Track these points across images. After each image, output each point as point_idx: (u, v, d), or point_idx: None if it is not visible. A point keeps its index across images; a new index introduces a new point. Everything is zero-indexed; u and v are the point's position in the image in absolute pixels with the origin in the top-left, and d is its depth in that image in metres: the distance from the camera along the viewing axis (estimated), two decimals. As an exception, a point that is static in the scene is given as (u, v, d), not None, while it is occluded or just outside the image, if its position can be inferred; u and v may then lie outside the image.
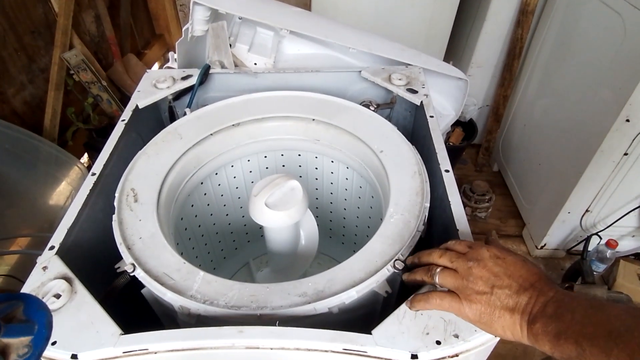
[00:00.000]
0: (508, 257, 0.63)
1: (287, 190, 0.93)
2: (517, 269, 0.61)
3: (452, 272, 0.64)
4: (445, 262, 0.66)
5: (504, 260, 0.62)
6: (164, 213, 0.91)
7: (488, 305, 0.60)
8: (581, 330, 0.51)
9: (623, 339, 0.48)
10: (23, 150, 1.75)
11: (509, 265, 0.61)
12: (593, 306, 0.53)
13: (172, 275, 0.74)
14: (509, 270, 0.61)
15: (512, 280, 0.60)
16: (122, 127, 1.03)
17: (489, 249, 0.64)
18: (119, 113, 2.38)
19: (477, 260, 0.63)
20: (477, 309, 0.60)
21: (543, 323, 0.55)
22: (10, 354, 0.50)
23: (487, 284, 0.61)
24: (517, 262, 0.62)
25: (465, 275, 0.62)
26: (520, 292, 0.59)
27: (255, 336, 0.63)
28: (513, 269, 0.61)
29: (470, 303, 0.61)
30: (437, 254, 0.68)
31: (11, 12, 1.87)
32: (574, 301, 0.55)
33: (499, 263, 0.62)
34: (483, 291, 0.60)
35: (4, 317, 0.51)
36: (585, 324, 0.51)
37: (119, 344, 0.62)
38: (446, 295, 0.64)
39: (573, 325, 0.52)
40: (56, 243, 0.77)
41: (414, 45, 1.35)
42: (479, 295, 0.60)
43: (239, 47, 1.35)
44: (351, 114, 1.09)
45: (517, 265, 0.61)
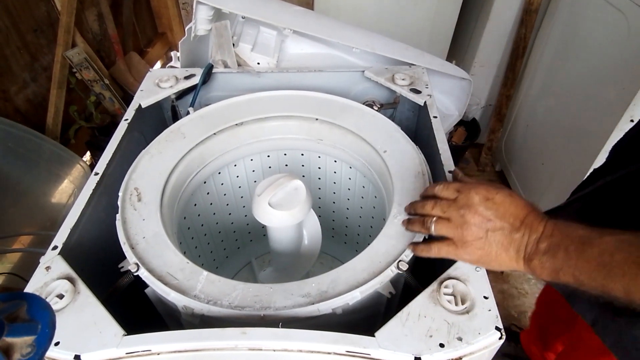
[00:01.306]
0: (497, 196, 0.63)
1: (290, 189, 0.92)
2: (507, 207, 0.62)
3: (446, 221, 0.67)
4: (438, 213, 0.68)
5: (493, 201, 0.63)
6: (167, 212, 0.90)
7: (484, 248, 0.63)
8: (576, 265, 0.54)
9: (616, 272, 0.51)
10: (25, 149, 1.75)
11: (499, 206, 0.62)
12: (584, 242, 0.55)
13: (175, 274, 0.74)
14: (500, 211, 0.62)
15: (504, 221, 0.62)
16: (125, 127, 1.02)
17: (477, 191, 0.64)
18: (122, 111, 2.38)
19: (468, 207, 0.64)
20: (474, 253, 0.64)
21: (539, 261, 0.58)
22: (14, 354, 0.50)
23: (481, 229, 0.63)
24: (506, 200, 0.63)
25: (459, 223, 0.64)
26: (512, 232, 0.61)
27: (259, 338, 0.63)
28: (503, 209, 0.62)
29: (467, 248, 0.64)
30: (430, 205, 0.70)
31: (14, 10, 1.87)
32: (565, 237, 0.57)
33: (489, 206, 0.63)
34: (478, 236, 0.63)
35: (8, 317, 0.51)
36: (579, 260, 0.54)
37: (122, 344, 0.62)
38: (443, 244, 0.67)
39: (567, 262, 0.55)
40: (59, 243, 0.76)
41: (417, 45, 1.34)
42: (475, 240, 0.63)
43: (242, 47, 1.35)
44: (354, 113, 1.09)
45: (506, 204, 0.62)
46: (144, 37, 2.94)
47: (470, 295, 0.67)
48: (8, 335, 0.49)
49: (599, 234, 0.55)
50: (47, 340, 0.52)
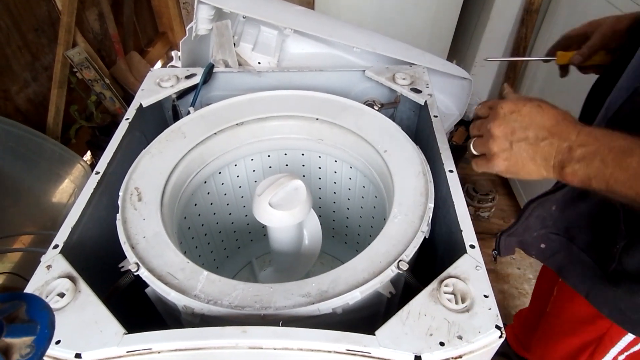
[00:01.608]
0: (523, 108, 0.64)
1: (290, 189, 0.92)
2: (533, 118, 0.63)
3: (480, 138, 0.69)
4: (475, 132, 0.71)
5: (519, 113, 0.64)
6: (168, 212, 0.91)
7: (510, 159, 0.64)
8: (612, 174, 0.55)
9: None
10: (26, 148, 1.75)
11: (524, 117, 0.63)
12: (624, 151, 0.55)
13: (176, 274, 0.74)
14: (525, 122, 0.63)
15: (528, 131, 0.62)
16: (126, 126, 1.03)
17: (503, 105, 0.65)
18: (122, 111, 2.38)
19: (494, 121, 0.65)
20: (501, 164, 0.65)
21: (572, 169, 0.59)
22: (13, 354, 0.49)
23: (506, 141, 0.64)
24: (532, 111, 0.63)
25: (487, 138, 0.66)
26: (538, 142, 0.62)
27: (259, 336, 0.63)
28: (529, 119, 0.63)
29: (495, 161, 0.66)
30: (472, 125, 0.72)
31: (15, 10, 1.87)
32: (602, 146, 0.57)
33: (514, 117, 0.64)
34: (503, 148, 0.64)
35: (7, 317, 0.51)
36: (616, 170, 0.55)
37: (122, 343, 0.63)
38: (479, 159, 0.70)
39: (603, 170, 0.56)
40: (60, 242, 0.77)
41: (418, 45, 1.34)
42: (500, 152, 0.65)
43: (243, 46, 1.35)
44: (355, 113, 1.09)
45: (532, 115, 0.63)
46: (144, 36, 2.94)
47: (471, 293, 0.67)
48: (7, 335, 0.49)
49: (635, 142, 0.55)
50: (46, 341, 0.52)
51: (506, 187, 2.46)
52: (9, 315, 0.51)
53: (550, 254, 0.88)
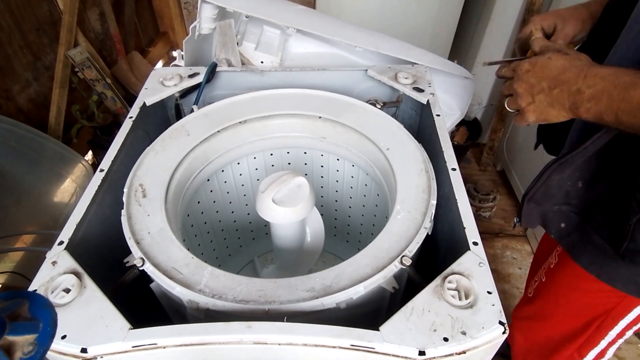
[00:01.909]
0: (538, 62, 0.73)
1: (293, 187, 0.93)
2: (546, 71, 0.72)
3: (510, 98, 0.79)
4: (505, 92, 0.81)
5: (534, 69, 0.73)
6: (172, 209, 0.91)
7: (536, 110, 0.74)
8: (619, 107, 0.63)
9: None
10: (28, 148, 1.75)
11: (538, 71, 0.73)
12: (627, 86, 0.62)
13: (180, 269, 0.74)
14: (539, 75, 0.73)
15: (542, 83, 0.72)
16: (130, 124, 1.03)
17: (521, 66, 0.75)
18: (123, 111, 2.38)
19: (517, 80, 0.76)
20: (531, 116, 0.75)
21: (585, 108, 0.67)
22: (16, 352, 0.50)
23: (529, 95, 0.74)
24: (544, 64, 0.72)
25: (515, 97, 0.77)
26: (551, 91, 0.71)
27: (264, 332, 0.63)
28: (542, 73, 0.72)
29: (525, 115, 0.76)
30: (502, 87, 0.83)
31: (16, 10, 1.88)
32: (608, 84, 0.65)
33: (531, 74, 0.74)
34: (528, 102, 0.75)
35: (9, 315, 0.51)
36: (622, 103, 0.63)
37: (128, 338, 0.63)
38: (516, 116, 0.80)
39: (611, 105, 0.64)
40: (65, 238, 0.77)
41: (419, 44, 1.35)
42: (528, 106, 0.75)
43: (245, 45, 1.35)
44: (357, 112, 1.09)
45: (545, 68, 0.72)
46: (145, 36, 2.95)
47: (474, 290, 0.67)
48: (9, 333, 0.49)
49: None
50: (48, 339, 0.52)
51: (507, 187, 2.47)
52: (11, 313, 0.52)
53: (566, 233, 0.92)
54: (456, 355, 0.62)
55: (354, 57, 1.35)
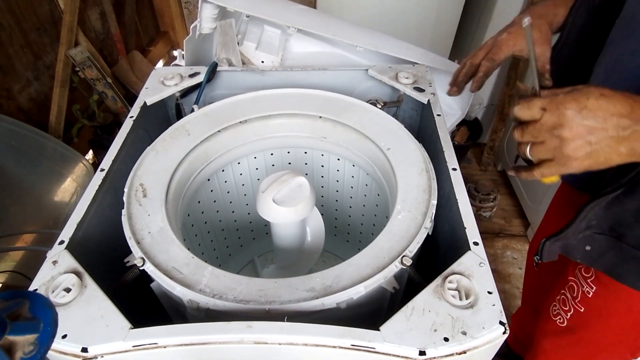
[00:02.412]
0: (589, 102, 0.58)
1: (294, 186, 0.93)
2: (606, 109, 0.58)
3: (540, 145, 0.63)
4: (529, 139, 0.64)
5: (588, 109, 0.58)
6: (172, 209, 0.91)
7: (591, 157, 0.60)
8: None
9: None
10: (29, 147, 1.75)
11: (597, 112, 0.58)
12: None
13: (181, 269, 0.74)
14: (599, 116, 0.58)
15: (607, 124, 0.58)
16: (131, 124, 1.03)
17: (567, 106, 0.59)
18: (124, 110, 2.39)
19: (562, 125, 0.59)
20: (581, 165, 0.61)
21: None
22: (16, 352, 0.50)
23: (584, 141, 0.59)
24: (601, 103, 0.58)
25: (557, 144, 0.60)
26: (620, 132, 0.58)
27: (264, 331, 0.63)
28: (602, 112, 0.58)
29: (572, 163, 0.61)
30: (518, 134, 0.65)
31: (17, 9, 1.88)
32: None
33: (585, 115, 0.58)
34: (583, 150, 0.59)
35: (10, 315, 0.51)
36: None
37: (128, 337, 0.63)
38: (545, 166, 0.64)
39: None
40: (66, 238, 0.77)
41: (420, 44, 1.35)
42: (580, 154, 0.60)
43: (246, 45, 1.36)
44: (358, 111, 1.09)
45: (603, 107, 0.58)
46: (146, 35, 2.95)
47: (475, 290, 0.67)
48: (10, 333, 0.49)
49: None
50: (49, 338, 0.52)
51: (508, 187, 2.47)
52: (12, 313, 0.52)
53: (597, 255, 0.84)
54: (456, 355, 0.62)
55: (354, 57, 1.35)
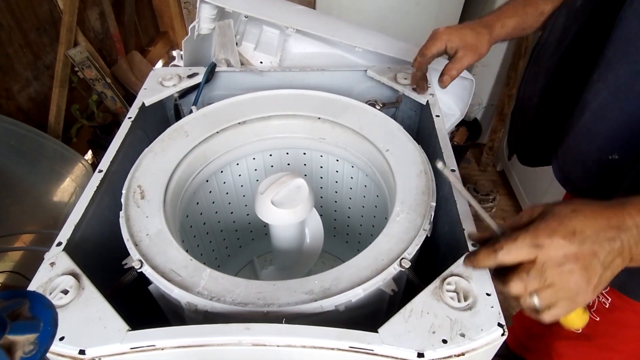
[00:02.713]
0: (573, 224, 0.54)
1: (293, 188, 0.93)
2: (589, 227, 0.54)
3: (548, 288, 0.57)
4: (536, 286, 0.57)
5: (575, 231, 0.54)
6: (170, 210, 0.91)
7: (601, 279, 0.56)
8: None
9: None
10: (28, 147, 1.76)
11: (583, 233, 0.54)
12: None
13: (179, 271, 0.74)
14: (589, 237, 0.54)
15: (599, 241, 0.54)
16: (129, 125, 1.03)
17: (555, 233, 0.54)
18: (123, 110, 2.39)
19: (561, 263, 0.54)
20: (596, 290, 0.56)
21: None
22: (16, 352, 0.50)
23: (590, 266, 0.55)
24: (586, 223, 0.54)
25: (565, 281, 0.55)
26: (612, 242, 0.54)
27: (262, 333, 0.63)
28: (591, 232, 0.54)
29: (586, 295, 0.56)
30: (519, 285, 0.58)
31: (17, 9, 1.88)
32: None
33: (580, 239, 0.54)
34: (589, 279, 0.55)
35: (10, 315, 0.51)
36: None
37: (126, 340, 0.63)
38: (556, 308, 0.58)
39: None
40: (63, 239, 0.77)
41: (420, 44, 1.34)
42: (590, 284, 0.55)
43: (245, 46, 1.35)
44: (357, 112, 1.09)
45: (586, 226, 0.54)
46: (145, 36, 2.94)
47: (473, 292, 0.67)
48: (10, 333, 0.49)
49: None
50: (49, 338, 0.52)
51: (507, 188, 2.47)
52: (12, 313, 0.52)
53: None
54: (455, 357, 0.62)
55: (353, 58, 1.35)
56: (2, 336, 0.48)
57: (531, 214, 0.59)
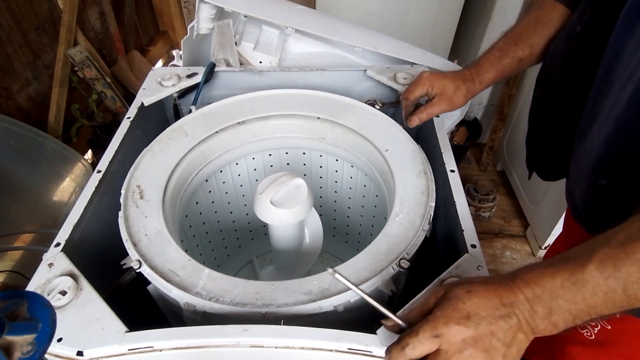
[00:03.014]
0: (466, 306, 0.55)
1: (292, 188, 0.93)
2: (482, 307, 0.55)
3: None
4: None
5: (469, 314, 0.55)
6: (169, 210, 0.91)
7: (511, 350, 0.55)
8: (577, 309, 0.52)
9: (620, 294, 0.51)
10: (28, 147, 1.75)
11: (477, 314, 0.55)
12: (564, 286, 0.52)
13: (178, 272, 0.74)
14: (483, 317, 0.55)
15: (496, 322, 0.54)
16: (128, 125, 1.03)
17: (451, 321, 0.55)
18: (123, 110, 2.38)
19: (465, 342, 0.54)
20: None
21: (544, 326, 0.54)
22: (14, 352, 0.50)
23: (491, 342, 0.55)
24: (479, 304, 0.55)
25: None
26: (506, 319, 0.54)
27: (260, 335, 0.63)
28: (484, 312, 0.55)
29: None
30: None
31: (16, 9, 1.88)
32: (551, 291, 0.53)
33: (474, 321, 0.54)
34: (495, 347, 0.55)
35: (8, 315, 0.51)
36: (575, 305, 0.52)
37: (124, 341, 0.63)
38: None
39: (568, 308, 0.53)
40: (62, 240, 0.77)
41: (419, 44, 1.34)
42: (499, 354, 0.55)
43: (244, 45, 1.35)
44: (356, 112, 1.09)
45: (479, 306, 0.55)
46: (145, 35, 2.94)
47: (472, 293, 0.67)
48: (8, 333, 0.49)
49: (575, 267, 0.52)
50: (47, 339, 0.52)
51: (507, 187, 2.46)
52: (10, 313, 0.52)
53: None
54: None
55: (353, 57, 1.35)
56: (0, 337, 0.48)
57: (437, 296, 0.59)
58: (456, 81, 0.97)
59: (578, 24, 0.83)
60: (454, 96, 0.96)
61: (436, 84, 0.96)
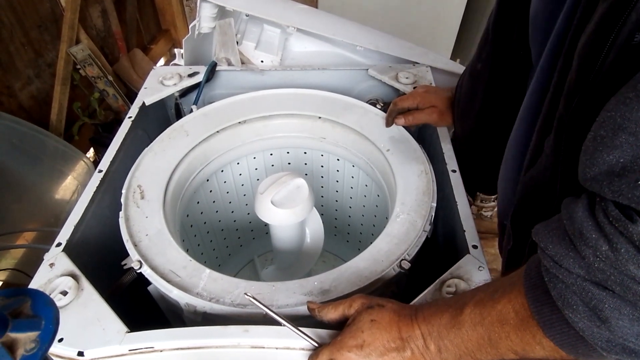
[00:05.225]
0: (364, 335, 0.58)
1: (293, 188, 0.92)
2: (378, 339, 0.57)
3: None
4: None
5: (364, 343, 0.57)
6: (170, 210, 0.91)
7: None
8: (467, 348, 0.53)
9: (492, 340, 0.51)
10: (29, 145, 1.75)
11: (372, 345, 0.57)
12: (447, 327, 0.54)
13: (178, 272, 0.74)
14: (377, 347, 0.57)
15: (389, 354, 0.57)
16: (129, 124, 1.03)
17: (345, 348, 0.58)
18: (125, 108, 2.38)
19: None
20: None
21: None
22: (18, 349, 0.50)
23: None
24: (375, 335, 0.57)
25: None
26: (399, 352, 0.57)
27: (261, 336, 0.63)
28: (379, 343, 0.57)
29: None
30: None
31: (18, 7, 1.88)
32: (438, 330, 0.55)
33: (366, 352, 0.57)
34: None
35: (12, 312, 0.51)
36: (457, 347, 0.54)
37: (125, 341, 0.63)
38: None
39: (453, 349, 0.54)
40: (63, 240, 0.77)
41: (421, 43, 1.34)
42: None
43: (245, 45, 1.35)
44: (358, 112, 1.09)
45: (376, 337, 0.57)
46: (147, 33, 2.94)
47: (473, 294, 0.67)
48: (12, 330, 0.49)
49: (457, 309, 0.54)
50: (50, 336, 0.52)
51: (509, 186, 2.45)
52: (13, 311, 0.52)
53: None
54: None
55: (354, 56, 1.34)
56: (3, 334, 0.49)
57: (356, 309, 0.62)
58: (450, 100, 0.99)
59: (478, 62, 0.88)
60: (445, 112, 0.98)
61: (427, 99, 0.99)
